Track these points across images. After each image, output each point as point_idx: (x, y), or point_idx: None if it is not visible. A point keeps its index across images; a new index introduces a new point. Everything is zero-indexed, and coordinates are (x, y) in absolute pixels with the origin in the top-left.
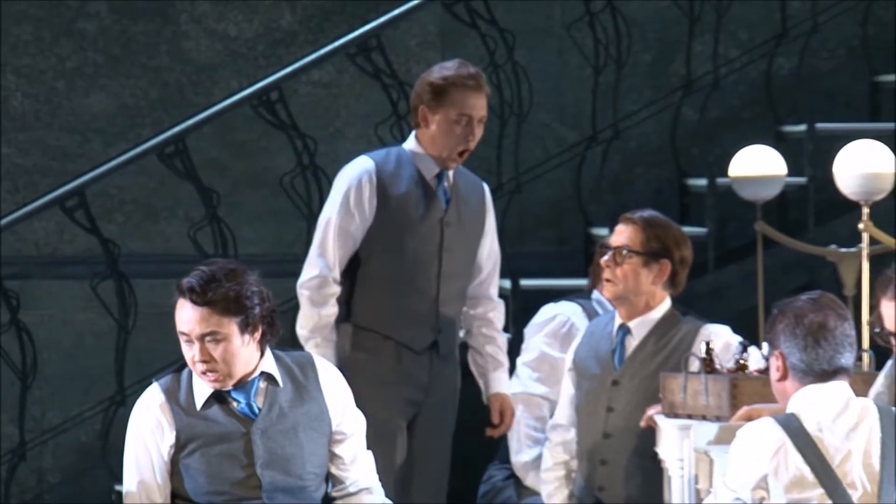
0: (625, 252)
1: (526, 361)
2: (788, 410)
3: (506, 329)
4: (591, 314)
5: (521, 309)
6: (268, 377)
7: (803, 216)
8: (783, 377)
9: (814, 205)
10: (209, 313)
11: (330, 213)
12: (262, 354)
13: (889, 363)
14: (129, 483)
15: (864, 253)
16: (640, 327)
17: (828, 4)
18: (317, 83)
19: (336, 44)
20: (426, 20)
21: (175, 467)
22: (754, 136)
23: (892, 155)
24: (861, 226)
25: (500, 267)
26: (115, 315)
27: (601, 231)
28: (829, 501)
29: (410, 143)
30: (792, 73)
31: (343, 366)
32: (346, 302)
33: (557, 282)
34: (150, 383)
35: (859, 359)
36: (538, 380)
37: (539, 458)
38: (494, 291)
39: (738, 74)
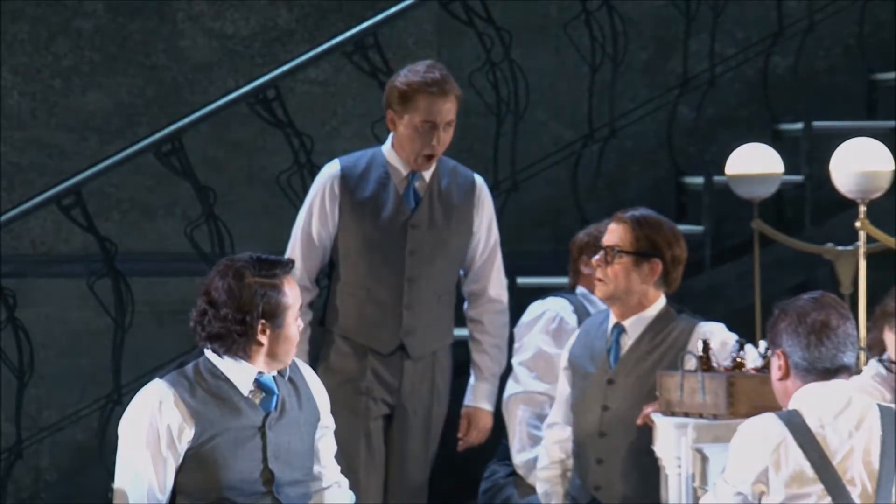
0: (615, 252)
1: (522, 361)
2: (790, 407)
3: None
4: (578, 308)
5: (517, 307)
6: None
7: (800, 214)
8: (785, 376)
9: (810, 203)
10: None
11: (298, 220)
12: None
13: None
14: (124, 481)
15: (861, 251)
16: (635, 326)
17: (824, 3)
18: (313, 81)
19: (333, 42)
20: (423, 18)
21: (188, 463)
22: (751, 134)
23: (888, 153)
24: (858, 224)
25: (501, 264)
26: (111, 313)
27: None
28: (829, 498)
29: (387, 144)
30: (788, 72)
31: (315, 368)
32: (323, 306)
33: (554, 280)
34: (150, 380)
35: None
36: (536, 378)
37: None
38: (494, 290)
39: (734, 73)
